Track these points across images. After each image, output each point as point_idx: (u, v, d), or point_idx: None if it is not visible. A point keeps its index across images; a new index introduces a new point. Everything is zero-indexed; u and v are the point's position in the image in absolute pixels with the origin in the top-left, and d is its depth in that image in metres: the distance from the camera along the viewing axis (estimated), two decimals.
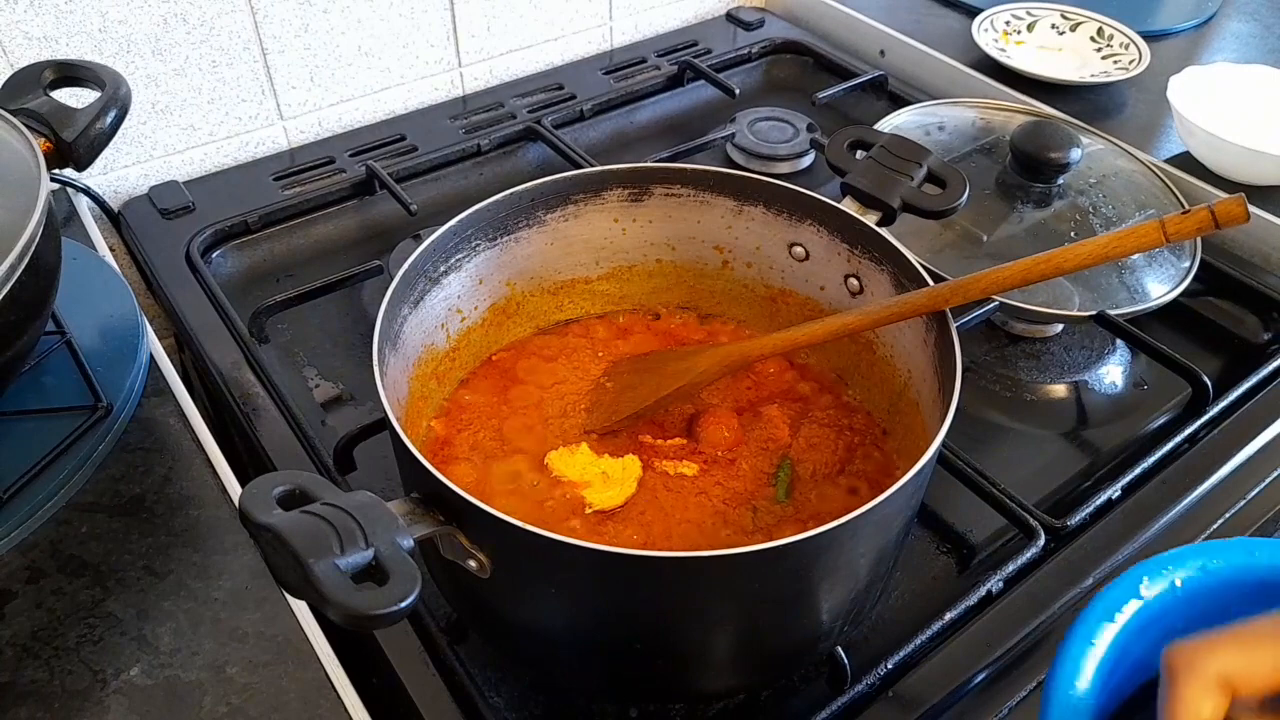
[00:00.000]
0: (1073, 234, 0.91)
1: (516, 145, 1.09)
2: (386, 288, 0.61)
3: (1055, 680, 0.47)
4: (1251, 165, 0.99)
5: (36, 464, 0.68)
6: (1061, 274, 0.59)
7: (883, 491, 0.50)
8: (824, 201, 0.69)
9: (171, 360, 0.80)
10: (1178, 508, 0.73)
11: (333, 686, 0.60)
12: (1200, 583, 0.51)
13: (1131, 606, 0.49)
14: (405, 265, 0.63)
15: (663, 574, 0.51)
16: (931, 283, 0.62)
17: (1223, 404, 0.80)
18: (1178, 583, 0.50)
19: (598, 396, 0.72)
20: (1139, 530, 0.72)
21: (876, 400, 0.71)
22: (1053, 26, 1.26)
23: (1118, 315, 0.83)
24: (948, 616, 0.64)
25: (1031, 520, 0.70)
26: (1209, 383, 0.80)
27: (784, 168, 1.09)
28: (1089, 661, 0.47)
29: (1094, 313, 0.83)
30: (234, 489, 0.70)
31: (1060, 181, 0.94)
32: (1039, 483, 0.78)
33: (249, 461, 0.80)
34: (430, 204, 1.00)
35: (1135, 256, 0.88)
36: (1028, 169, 0.93)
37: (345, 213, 1.00)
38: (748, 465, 0.68)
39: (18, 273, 0.60)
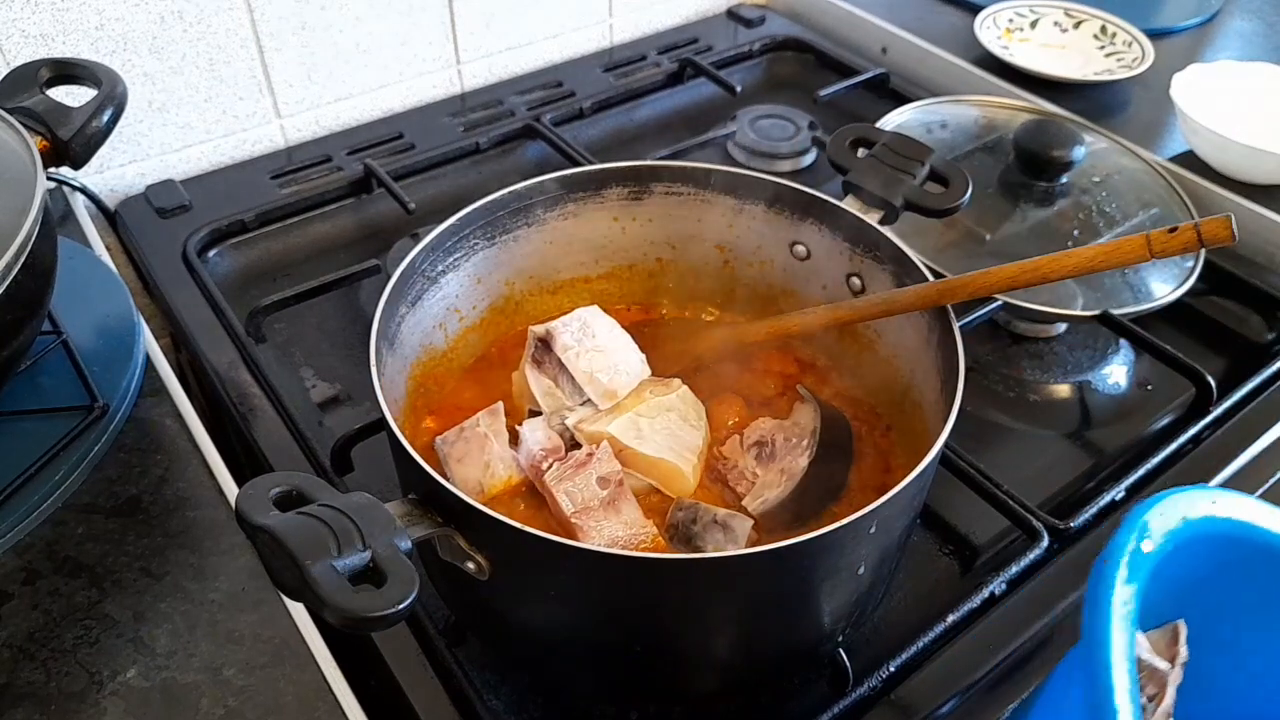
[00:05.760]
0: (1076, 232, 0.90)
1: (515, 143, 1.08)
2: (384, 287, 0.61)
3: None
4: (1255, 163, 0.99)
5: (32, 465, 0.68)
6: (1047, 282, 0.60)
7: (885, 493, 0.50)
8: (826, 200, 0.69)
9: (168, 360, 0.80)
10: None
11: (330, 689, 0.60)
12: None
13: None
14: (403, 264, 0.63)
15: (662, 576, 0.50)
16: (932, 280, 0.62)
17: (1227, 404, 0.80)
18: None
19: None
20: None
21: (880, 400, 0.71)
22: (1055, 24, 1.25)
23: (1121, 315, 0.83)
24: (950, 618, 0.64)
25: (1035, 521, 0.69)
26: (1213, 383, 0.80)
27: (785, 166, 1.09)
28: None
29: (1098, 312, 0.83)
30: (230, 490, 0.70)
31: (1063, 180, 0.94)
32: (1042, 483, 0.77)
33: (246, 462, 0.80)
34: (428, 202, 1.00)
35: None
36: (1031, 167, 0.93)
37: (342, 211, 1.00)
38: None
39: (14, 272, 0.60)
